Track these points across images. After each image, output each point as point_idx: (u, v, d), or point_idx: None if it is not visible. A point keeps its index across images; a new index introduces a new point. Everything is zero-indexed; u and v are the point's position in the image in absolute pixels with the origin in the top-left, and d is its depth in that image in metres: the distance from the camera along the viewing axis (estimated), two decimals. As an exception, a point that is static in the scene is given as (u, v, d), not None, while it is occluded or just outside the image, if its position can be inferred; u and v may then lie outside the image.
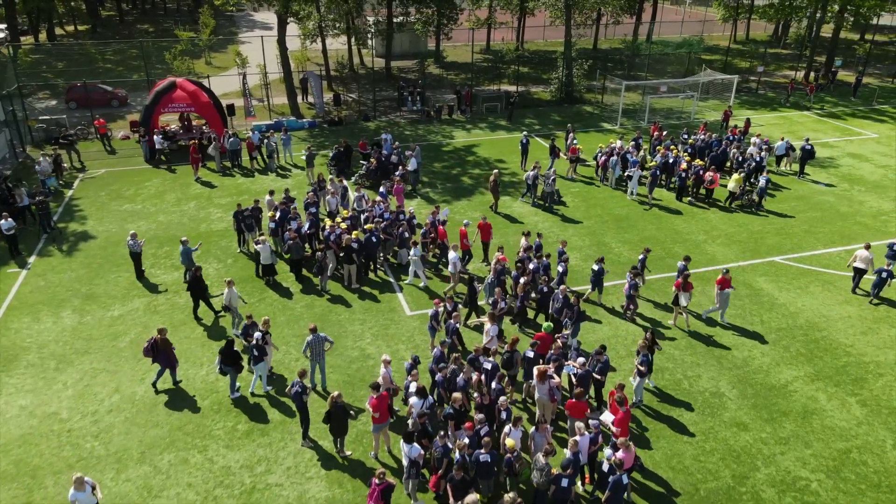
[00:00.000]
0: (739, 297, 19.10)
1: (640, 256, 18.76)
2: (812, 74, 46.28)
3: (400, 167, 26.47)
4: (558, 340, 14.45)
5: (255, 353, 14.95)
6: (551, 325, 15.50)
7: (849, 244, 22.38)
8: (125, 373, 15.73)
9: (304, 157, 27.81)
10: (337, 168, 28.85)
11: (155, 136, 29.45)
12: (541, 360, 14.46)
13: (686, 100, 39.20)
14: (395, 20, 46.09)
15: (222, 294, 17.35)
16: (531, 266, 18.07)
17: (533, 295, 17.74)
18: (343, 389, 15.25)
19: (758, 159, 27.05)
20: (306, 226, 20.91)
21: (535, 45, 58.73)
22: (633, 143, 28.56)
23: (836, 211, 25.09)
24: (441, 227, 20.67)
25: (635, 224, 23.84)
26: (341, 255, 19.44)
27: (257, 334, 15.08)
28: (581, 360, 13.72)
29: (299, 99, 39.32)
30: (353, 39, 46.05)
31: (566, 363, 14.20)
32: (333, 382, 15.53)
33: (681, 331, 17.54)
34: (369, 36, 46.20)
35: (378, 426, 12.98)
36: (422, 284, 19.48)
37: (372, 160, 27.51)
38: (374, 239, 20.01)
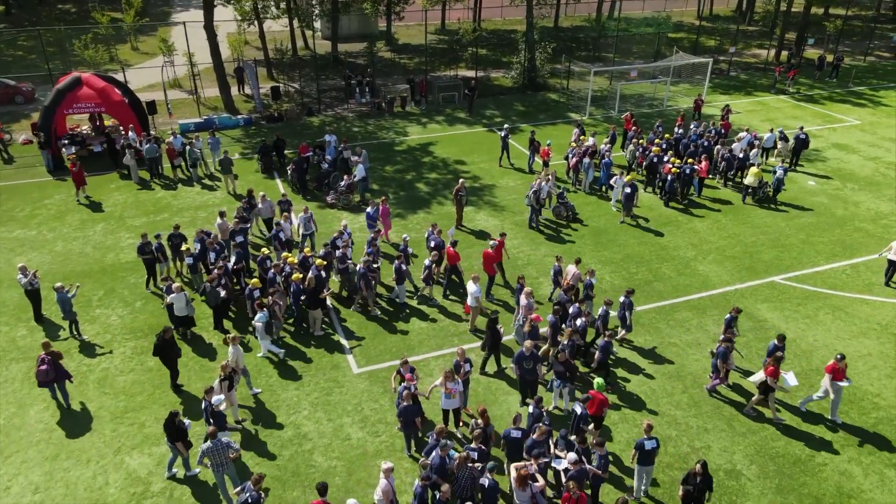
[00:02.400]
0: (742, 331, 16.44)
1: (728, 316, 14.81)
2: (784, 53, 44.04)
3: (345, 177, 22.98)
4: (542, 425, 11.44)
5: (211, 420, 12.06)
6: (603, 381, 12.60)
7: (852, 257, 19.96)
8: (-15, 480, 12.20)
9: (222, 162, 23.98)
10: (263, 164, 25.35)
11: (130, 134, 25.46)
12: (586, 421, 12.34)
13: (658, 85, 36.45)
14: (340, -1, 42.04)
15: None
16: (572, 310, 15.05)
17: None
18: (271, 487, 12.04)
19: (742, 156, 24.51)
20: (232, 261, 17.36)
21: (493, 23, 55.14)
22: (608, 140, 25.59)
23: (832, 214, 22.69)
24: (451, 248, 17.54)
25: (615, 239, 20.97)
26: (302, 299, 16.06)
27: (216, 399, 12.32)
28: (573, 456, 10.77)
29: (235, 91, 35.19)
30: (295, 21, 41.84)
31: (554, 455, 11.27)
32: (259, 479, 12.29)
33: (688, 386, 14.79)
34: (314, 16, 42.05)
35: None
36: (260, 354, 15.43)
37: (292, 165, 24.10)
38: (323, 275, 16.70)
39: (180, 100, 34.51)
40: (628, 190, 21.25)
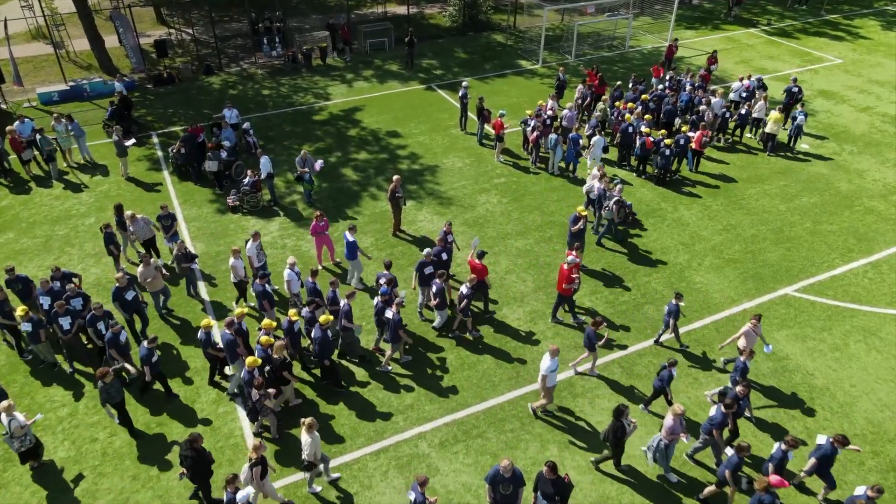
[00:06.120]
0: (760, 374, 13.04)
1: None
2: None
3: (248, 173, 17.98)
4: None
5: None
6: None
7: (870, 253, 16.66)
8: None
9: (114, 142, 18.85)
10: (122, 131, 20.18)
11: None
12: None
13: (619, 21, 31.77)
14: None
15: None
16: (713, 411, 10.90)
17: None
18: None
19: (744, 112, 20.97)
20: (66, 322, 12.45)
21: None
22: (576, 104, 21.20)
23: (836, 190, 19.30)
24: (476, 261, 13.84)
25: (588, 241, 16.99)
26: (266, 370, 11.71)
27: (241, 496, 9.38)
28: None
29: (114, 42, 28.65)
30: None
31: None
32: None
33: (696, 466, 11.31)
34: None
35: None
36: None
37: (179, 144, 19.15)
38: (330, 336, 12.39)
39: (44, 57, 27.90)
40: (580, 225, 15.34)
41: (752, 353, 11.73)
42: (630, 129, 19.51)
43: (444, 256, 14.36)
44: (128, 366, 12.20)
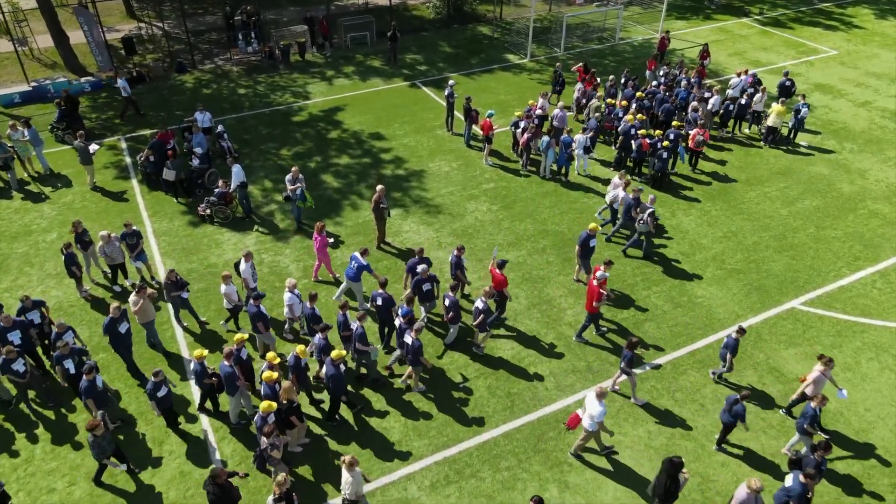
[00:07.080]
0: (773, 402, 12.28)
1: None
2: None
3: (221, 183, 16.86)
4: None
5: None
6: None
7: (877, 261, 15.92)
8: None
9: (77, 148, 17.67)
10: (74, 131, 19.11)
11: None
12: None
13: (609, 12, 30.73)
14: None
15: None
16: (790, 480, 9.58)
17: None
18: None
19: (744, 101, 20.38)
20: (20, 365, 11.46)
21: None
22: (575, 104, 20.27)
23: (838, 192, 18.55)
24: (497, 270, 13.09)
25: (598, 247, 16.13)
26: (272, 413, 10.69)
27: None
28: None
29: (79, 38, 27.17)
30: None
31: None
32: None
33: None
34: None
35: None
36: None
37: (148, 151, 17.93)
38: (343, 369, 11.40)
39: (6, 55, 26.40)
40: (592, 243, 14.44)
41: (824, 399, 10.61)
42: (633, 131, 18.56)
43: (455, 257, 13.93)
44: (106, 418, 11.06)
